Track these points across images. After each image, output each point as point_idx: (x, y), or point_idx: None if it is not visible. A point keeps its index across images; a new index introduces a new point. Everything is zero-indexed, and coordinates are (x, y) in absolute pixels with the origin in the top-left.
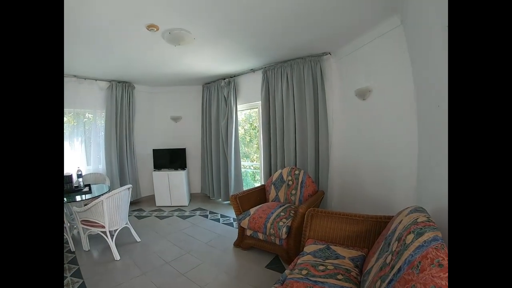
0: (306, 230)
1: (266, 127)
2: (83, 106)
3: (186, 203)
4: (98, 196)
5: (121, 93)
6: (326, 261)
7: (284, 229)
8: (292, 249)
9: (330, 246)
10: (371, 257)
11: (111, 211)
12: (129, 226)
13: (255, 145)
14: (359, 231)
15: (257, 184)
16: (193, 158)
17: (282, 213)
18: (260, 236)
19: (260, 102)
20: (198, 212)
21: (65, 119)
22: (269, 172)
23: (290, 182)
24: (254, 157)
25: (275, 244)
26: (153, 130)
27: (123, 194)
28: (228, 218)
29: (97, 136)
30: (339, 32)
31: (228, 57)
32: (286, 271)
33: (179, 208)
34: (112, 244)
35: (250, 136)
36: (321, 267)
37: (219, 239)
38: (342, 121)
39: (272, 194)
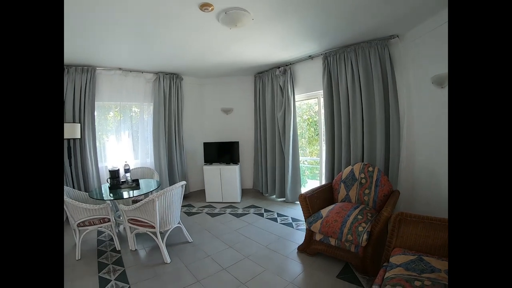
0: (392, 238)
1: (329, 120)
2: (130, 99)
3: (238, 200)
4: (147, 193)
5: (169, 85)
6: (422, 275)
7: (365, 236)
8: (369, 258)
9: (423, 257)
10: None
11: (163, 210)
12: (181, 225)
13: (308, 139)
14: None
15: (311, 181)
16: (245, 152)
17: (359, 216)
18: (332, 242)
19: (322, 91)
20: (252, 210)
21: (111, 113)
22: (331, 168)
23: (363, 181)
24: (307, 151)
25: (349, 252)
26: (203, 123)
27: (176, 192)
28: (285, 217)
29: (144, 130)
30: (413, 7)
31: (285, 41)
32: (374, 286)
33: (231, 205)
34: (162, 246)
35: (301, 129)
36: (417, 283)
37: (279, 242)
38: (415, 113)
39: (342, 193)
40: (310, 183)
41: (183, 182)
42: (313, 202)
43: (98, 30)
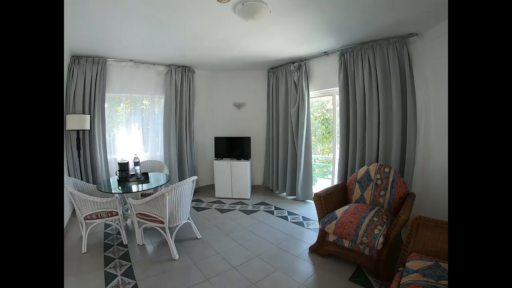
0: (409, 242)
1: (345, 118)
2: (141, 91)
3: (248, 196)
4: (157, 188)
5: (181, 78)
6: (439, 282)
7: (381, 239)
8: (383, 261)
9: (440, 263)
10: None
11: (172, 205)
12: (191, 221)
13: (319, 137)
14: None
15: (320, 179)
16: (256, 148)
17: (375, 219)
18: (346, 243)
19: (338, 88)
20: (262, 207)
21: (121, 105)
22: (344, 168)
23: (379, 182)
24: (318, 149)
25: (363, 254)
26: (214, 117)
27: (188, 187)
28: (296, 216)
29: (155, 123)
30: (437, 6)
31: (301, 36)
32: None
33: (241, 201)
34: (171, 242)
35: (313, 127)
36: None
37: (290, 241)
38: (433, 115)
39: (356, 193)
40: (320, 182)
41: (195, 177)
42: (328, 202)
43: (111, 20)
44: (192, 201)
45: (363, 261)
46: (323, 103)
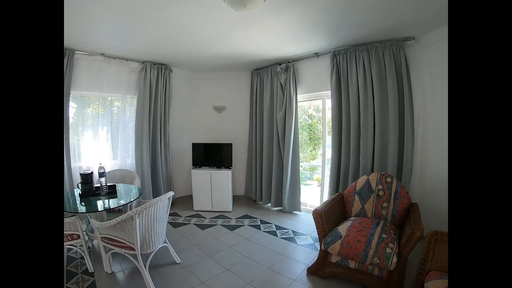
0: (426, 260)
1: (337, 124)
2: (111, 89)
3: (230, 208)
4: (126, 205)
5: (156, 77)
6: None
7: (394, 258)
8: (394, 282)
9: None
10: None
11: (145, 229)
12: (168, 244)
13: (301, 142)
14: None
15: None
16: (237, 155)
17: (384, 235)
18: (352, 264)
19: (328, 92)
20: (246, 221)
21: (91, 106)
22: (336, 177)
23: (381, 193)
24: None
25: (371, 275)
26: (192, 122)
27: (163, 205)
28: (285, 230)
29: (125, 126)
30: (437, 11)
31: (294, 34)
32: None
33: (222, 215)
34: (144, 272)
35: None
36: None
37: (284, 261)
38: (430, 121)
39: (356, 206)
40: (303, 190)
41: (171, 193)
42: (329, 218)
43: (78, 5)
44: (169, 215)
45: (372, 282)
46: (305, 108)
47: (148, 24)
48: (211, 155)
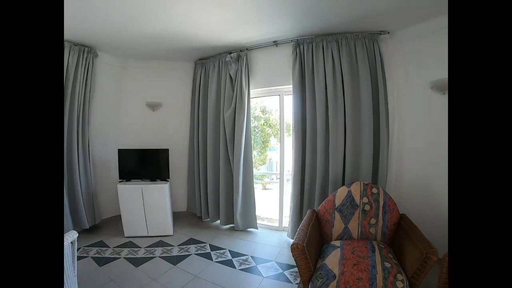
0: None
1: (300, 124)
2: None
3: (171, 231)
4: None
5: (76, 61)
6: None
7: None
8: None
9: None
10: None
11: None
12: None
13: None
14: None
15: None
16: (176, 163)
17: (386, 264)
18: None
19: (289, 87)
20: (192, 248)
21: None
22: (299, 186)
23: (367, 207)
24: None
25: None
26: (120, 121)
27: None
28: (244, 257)
29: None
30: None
31: (248, 12)
32: None
33: (162, 241)
34: None
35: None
36: None
37: None
38: (408, 122)
39: (337, 226)
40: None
41: (73, 234)
42: (310, 250)
43: None
44: (90, 246)
45: None
46: (252, 107)
47: None
48: (143, 164)
